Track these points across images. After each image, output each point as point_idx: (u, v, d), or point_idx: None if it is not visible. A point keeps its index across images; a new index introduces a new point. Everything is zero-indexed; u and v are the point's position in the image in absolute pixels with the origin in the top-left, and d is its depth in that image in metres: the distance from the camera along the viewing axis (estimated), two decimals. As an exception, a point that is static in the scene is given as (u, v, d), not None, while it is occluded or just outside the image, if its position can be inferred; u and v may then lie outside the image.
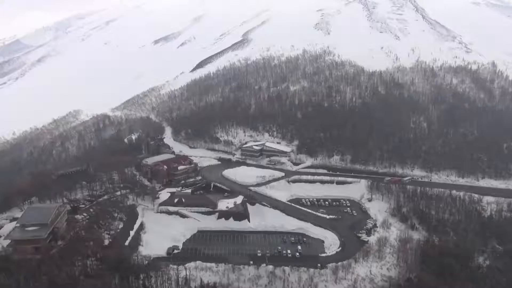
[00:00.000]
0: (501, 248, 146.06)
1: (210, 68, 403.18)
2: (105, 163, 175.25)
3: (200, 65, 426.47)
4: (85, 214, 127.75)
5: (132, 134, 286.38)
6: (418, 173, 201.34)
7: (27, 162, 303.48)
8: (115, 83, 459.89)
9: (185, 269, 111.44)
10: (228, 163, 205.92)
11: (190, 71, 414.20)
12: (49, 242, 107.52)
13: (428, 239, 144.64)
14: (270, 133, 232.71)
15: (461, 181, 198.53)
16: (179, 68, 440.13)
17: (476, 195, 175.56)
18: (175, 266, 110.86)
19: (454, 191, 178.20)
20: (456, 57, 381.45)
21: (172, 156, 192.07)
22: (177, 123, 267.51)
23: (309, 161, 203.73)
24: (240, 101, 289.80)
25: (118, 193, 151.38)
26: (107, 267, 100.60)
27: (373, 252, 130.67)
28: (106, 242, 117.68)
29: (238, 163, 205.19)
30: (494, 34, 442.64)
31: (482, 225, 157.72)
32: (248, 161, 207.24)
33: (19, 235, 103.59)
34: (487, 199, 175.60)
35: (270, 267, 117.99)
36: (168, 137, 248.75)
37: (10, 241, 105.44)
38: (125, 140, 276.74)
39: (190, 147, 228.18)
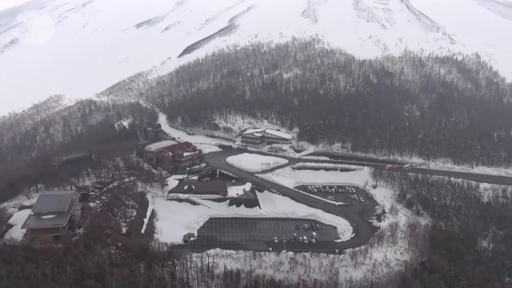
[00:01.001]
0: (501, 232, 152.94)
1: (198, 54, 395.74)
2: (106, 149, 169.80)
3: (188, 50, 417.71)
4: (97, 202, 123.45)
5: (122, 120, 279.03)
6: (416, 160, 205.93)
7: (10, 149, 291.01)
8: (98, 67, 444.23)
9: (208, 256, 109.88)
10: (229, 150, 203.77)
11: (178, 57, 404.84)
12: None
13: (435, 224, 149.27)
14: (269, 120, 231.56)
15: (457, 168, 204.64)
16: (165, 53, 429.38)
17: (474, 182, 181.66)
18: (198, 254, 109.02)
19: (452, 178, 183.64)
20: (442, 47, 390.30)
21: (174, 142, 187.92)
22: (171, 110, 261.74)
23: (311, 148, 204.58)
24: (234, 87, 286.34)
25: (126, 180, 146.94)
26: (132, 255, 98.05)
27: (386, 238, 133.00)
28: (123, 230, 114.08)
29: (240, 150, 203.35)
30: (475, 26, 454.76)
31: (482, 211, 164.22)
32: (249, 148, 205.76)
33: (37, 224, 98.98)
34: (484, 185, 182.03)
35: (291, 253, 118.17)
36: (163, 124, 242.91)
37: (26, 230, 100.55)
38: (115, 126, 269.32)
39: (188, 134, 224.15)
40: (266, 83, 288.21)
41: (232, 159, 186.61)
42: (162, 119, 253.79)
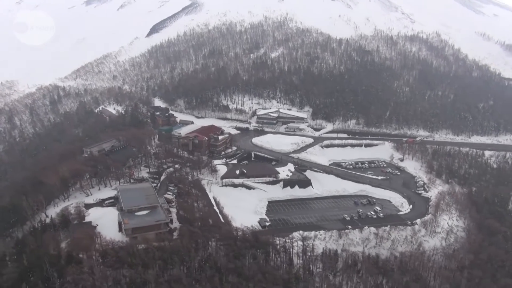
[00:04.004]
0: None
1: (168, 33, 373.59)
2: (130, 137, 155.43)
3: (155, 29, 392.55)
4: (169, 193, 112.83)
5: (102, 106, 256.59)
6: (422, 133, 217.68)
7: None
8: (50, 49, 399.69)
9: (302, 239, 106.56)
10: (246, 132, 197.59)
11: (146, 36, 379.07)
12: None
13: (470, 191, 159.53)
14: (277, 100, 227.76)
15: (457, 138, 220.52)
16: (127, 33, 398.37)
17: (480, 151, 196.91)
18: (282, 238, 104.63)
19: (461, 148, 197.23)
20: (406, 26, 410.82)
21: (198, 126, 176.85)
22: (167, 93, 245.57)
23: (329, 126, 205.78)
24: (224, 68, 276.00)
25: (171, 169, 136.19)
26: (249, 245, 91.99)
27: (440, 207, 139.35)
28: (210, 221, 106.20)
29: (257, 132, 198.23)
30: (429, 7, 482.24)
31: (496, 175, 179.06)
32: (266, 129, 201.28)
33: (139, 222, 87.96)
34: (488, 153, 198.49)
35: (372, 228, 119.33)
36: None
37: (127, 230, 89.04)
38: (97, 111, 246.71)
39: (197, 117, 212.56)
40: (256, 63, 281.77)
41: (259, 140, 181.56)
42: (157, 103, 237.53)
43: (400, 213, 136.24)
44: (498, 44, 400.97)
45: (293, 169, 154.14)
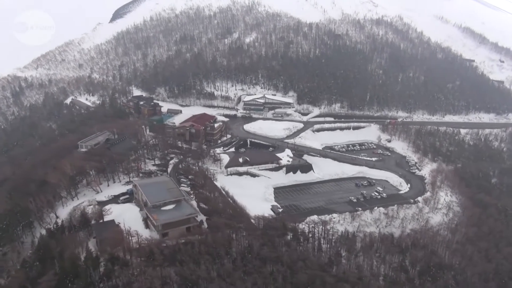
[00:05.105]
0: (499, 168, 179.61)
1: (133, 18, 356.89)
2: (121, 128, 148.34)
3: (118, 15, 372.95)
4: (184, 185, 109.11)
5: (73, 97, 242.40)
6: (401, 114, 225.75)
7: None
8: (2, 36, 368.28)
9: (323, 223, 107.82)
10: (235, 119, 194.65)
11: (110, 22, 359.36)
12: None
13: (456, 167, 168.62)
14: (261, 85, 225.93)
15: (433, 118, 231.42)
16: (85, 17, 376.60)
17: (456, 129, 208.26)
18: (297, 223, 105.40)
19: (439, 128, 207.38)
20: (370, 10, 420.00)
21: (189, 115, 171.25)
22: (144, 82, 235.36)
23: (316, 111, 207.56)
24: (200, 54, 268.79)
25: (174, 160, 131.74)
26: (279, 233, 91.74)
27: (434, 184, 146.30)
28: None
29: (245, 118, 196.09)
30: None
31: (474, 152, 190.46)
32: (254, 115, 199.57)
33: (169, 217, 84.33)
34: (463, 131, 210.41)
35: (382, 209, 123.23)
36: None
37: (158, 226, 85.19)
38: (68, 102, 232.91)
39: (182, 106, 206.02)
40: (233, 48, 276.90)
41: (251, 127, 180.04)
42: (136, 93, 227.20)
43: (401, 192, 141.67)
44: (455, 27, 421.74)
45: (291, 155, 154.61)
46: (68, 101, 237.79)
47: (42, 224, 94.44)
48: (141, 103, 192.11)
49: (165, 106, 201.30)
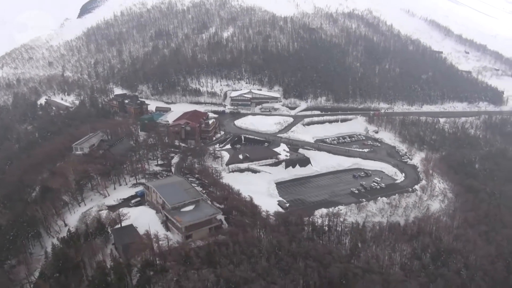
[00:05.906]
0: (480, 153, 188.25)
1: (103, 14, 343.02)
2: (113, 128, 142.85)
3: (86, 10, 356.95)
4: (194, 185, 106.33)
5: (46, 97, 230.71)
6: (383, 105, 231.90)
7: None
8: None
9: (336, 216, 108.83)
10: (223, 115, 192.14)
11: (78, 17, 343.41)
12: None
13: (443, 155, 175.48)
14: (246, 80, 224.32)
15: (412, 108, 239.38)
16: (49, 13, 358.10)
17: (435, 118, 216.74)
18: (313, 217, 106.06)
19: (420, 118, 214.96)
20: (341, 4, 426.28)
21: (180, 113, 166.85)
22: (124, 80, 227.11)
23: (303, 104, 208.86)
24: (179, 50, 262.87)
25: (174, 160, 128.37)
26: (298, 229, 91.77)
27: (426, 172, 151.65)
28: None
29: (234, 114, 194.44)
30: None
31: (454, 140, 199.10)
32: (242, 111, 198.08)
33: (191, 219, 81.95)
34: (441, 120, 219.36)
35: (384, 198, 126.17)
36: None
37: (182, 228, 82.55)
38: (42, 102, 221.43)
39: (167, 103, 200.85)
40: (212, 43, 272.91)
41: (242, 123, 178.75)
42: (117, 91, 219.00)
43: (397, 181, 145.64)
44: (422, 20, 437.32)
45: (287, 149, 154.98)
46: (41, 101, 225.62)
47: (50, 233, 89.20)
48: (126, 101, 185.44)
49: (151, 104, 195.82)
